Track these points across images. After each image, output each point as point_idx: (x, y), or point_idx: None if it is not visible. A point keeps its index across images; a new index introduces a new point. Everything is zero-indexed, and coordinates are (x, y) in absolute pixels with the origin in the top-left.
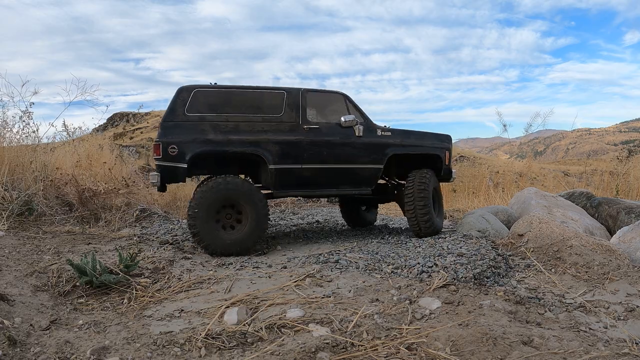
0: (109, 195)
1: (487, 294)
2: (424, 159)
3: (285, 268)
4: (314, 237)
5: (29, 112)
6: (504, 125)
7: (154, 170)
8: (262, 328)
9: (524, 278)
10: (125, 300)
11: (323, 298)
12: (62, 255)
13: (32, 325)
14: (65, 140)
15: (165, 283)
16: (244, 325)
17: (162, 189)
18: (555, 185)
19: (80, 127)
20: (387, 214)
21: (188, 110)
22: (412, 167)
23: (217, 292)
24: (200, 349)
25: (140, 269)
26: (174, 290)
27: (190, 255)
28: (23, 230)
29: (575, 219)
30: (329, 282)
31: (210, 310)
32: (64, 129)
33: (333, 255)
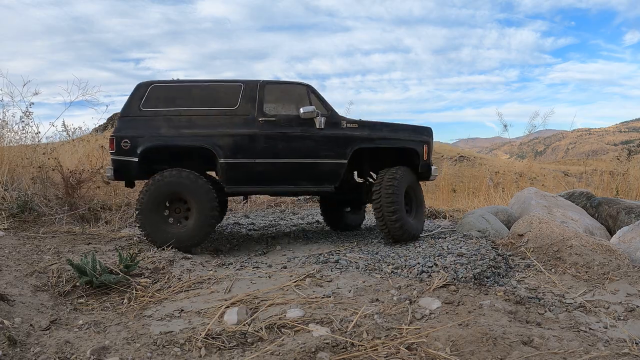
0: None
1: (487, 294)
2: (400, 155)
3: (285, 268)
4: (314, 237)
5: (29, 112)
6: (505, 126)
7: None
8: (262, 328)
9: (524, 278)
10: (125, 300)
11: (323, 298)
12: (62, 255)
13: (32, 325)
14: (65, 140)
15: (165, 283)
16: (244, 325)
17: (129, 185)
18: (555, 185)
19: (80, 127)
20: None
21: (143, 106)
22: (388, 163)
23: (217, 292)
24: (200, 349)
25: (140, 269)
26: (174, 290)
27: (190, 255)
28: (23, 230)
29: (575, 219)
30: (329, 282)
31: (210, 310)
32: (64, 129)
33: (333, 255)
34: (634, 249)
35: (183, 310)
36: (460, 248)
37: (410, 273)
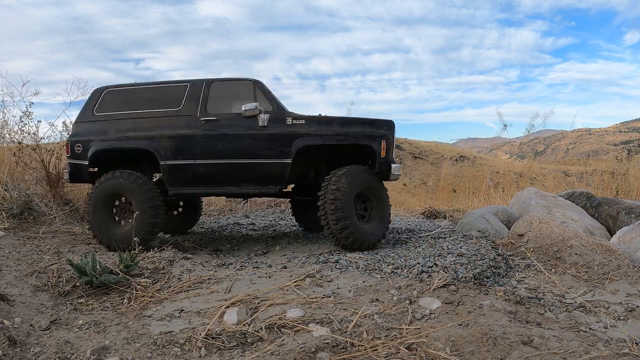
0: None
1: (487, 294)
2: (357, 152)
3: (285, 268)
4: (314, 237)
5: (29, 112)
6: (504, 125)
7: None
8: (262, 328)
9: (524, 278)
10: (125, 300)
11: (323, 298)
12: (62, 255)
13: (32, 325)
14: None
15: (165, 283)
16: (244, 325)
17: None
18: (555, 185)
19: None
20: None
21: (97, 110)
22: (347, 162)
23: (217, 292)
24: (200, 349)
25: (140, 269)
26: (174, 290)
27: (190, 255)
28: (23, 231)
29: (575, 219)
30: (329, 282)
31: (210, 310)
32: (65, 129)
33: (333, 255)
34: (634, 249)
35: (183, 310)
36: (460, 248)
37: (410, 273)
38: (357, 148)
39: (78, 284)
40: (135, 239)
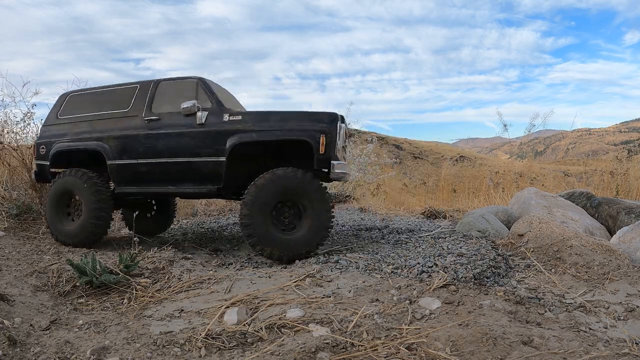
0: None
1: (487, 294)
2: (298, 148)
3: (285, 268)
4: None
5: (31, 112)
6: (504, 125)
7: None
8: (262, 328)
9: (524, 278)
10: (125, 300)
11: (323, 298)
12: (62, 255)
13: (32, 325)
14: None
15: (165, 283)
16: (244, 325)
17: None
18: (555, 185)
19: None
20: (387, 214)
21: (60, 114)
22: (296, 159)
23: (217, 292)
24: (200, 349)
25: (140, 269)
26: (174, 290)
27: (190, 255)
28: (23, 231)
29: (575, 219)
30: (329, 282)
31: (210, 310)
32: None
33: (333, 255)
34: (634, 249)
35: (183, 310)
36: (460, 248)
37: (410, 273)
38: (297, 144)
39: (78, 284)
40: (136, 239)
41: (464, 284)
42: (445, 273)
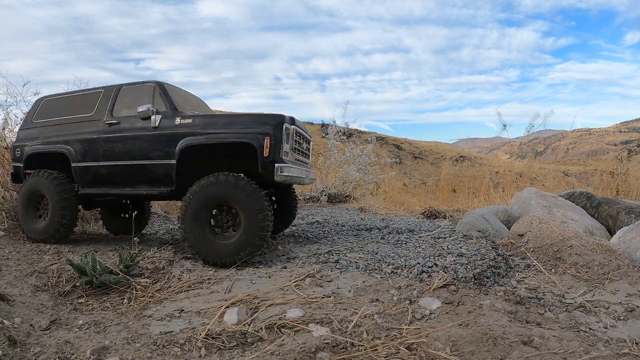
0: None
1: (487, 294)
2: (248, 151)
3: (285, 268)
4: (314, 237)
5: None
6: (504, 125)
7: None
8: (262, 328)
9: (524, 278)
10: (125, 300)
11: (323, 298)
12: (62, 255)
13: (32, 325)
14: None
15: (165, 283)
16: (244, 325)
17: None
18: (555, 185)
19: None
20: (387, 214)
21: (35, 118)
22: (244, 163)
23: (217, 292)
24: (200, 349)
25: (140, 269)
26: (174, 290)
27: (190, 255)
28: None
29: (575, 219)
30: (329, 282)
31: (210, 310)
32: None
33: (333, 255)
34: (634, 249)
35: (183, 310)
36: (460, 248)
37: (410, 273)
38: (241, 147)
39: (78, 284)
40: (136, 239)
41: (464, 284)
42: (445, 273)
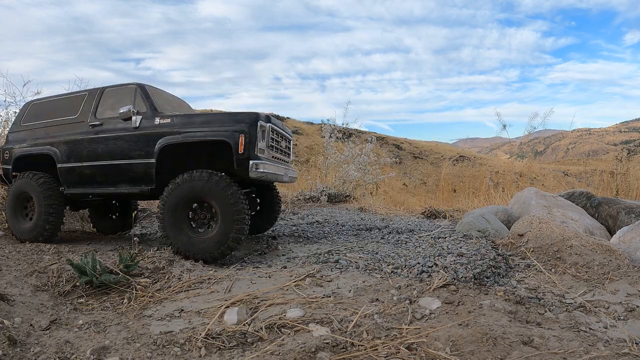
0: None
1: (487, 294)
2: (225, 149)
3: (285, 268)
4: (314, 237)
5: None
6: (503, 125)
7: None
8: (262, 328)
9: (524, 278)
10: (125, 300)
11: (323, 298)
12: (62, 255)
13: (32, 325)
14: None
15: (165, 283)
16: (244, 325)
17: None
18: (555, 185)
19: None
20: (387, 214)
21: (23, 121)
22: (222, 161)
23: (217, 291)
24: (200, 349)
25: (140, 269)
26: (174, 290)
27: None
28: None
29: (575, 219)
30: (329, 282)
31: (210, 310)
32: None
33: (333, 255)
34: (634, 249)
35: (183, 310)
36: (460, 248)
37: (410, 273)
38: (218, 145)
39: (78, 284)
40: (136, 239)
41: (464, 284)
42: (445, 273)
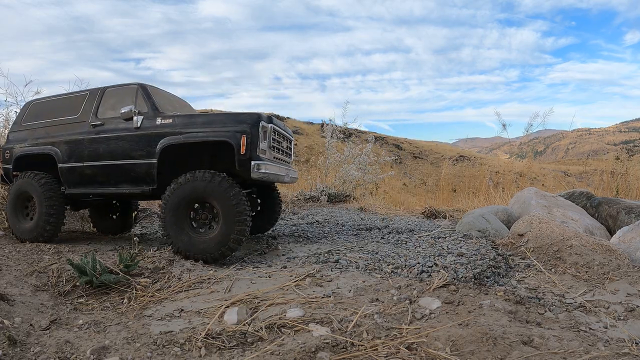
0: None
1: (487, 294)
2: (228, 149)
3: (285, 268)
4: (314, 237)
5: None
6: (503, 125)
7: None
8: (262, 328)
9: (524, 278)
10: (125, 300)
11: (323, 298)
12: (62, 255)
13: (32, 325)
14: None
15: (165, 283)
16: (244, 325)
17: None
18: (555, 185)
19: None
20: (387, 214)
21: (24, 121)
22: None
23: (217, 291)
24: (200, 349)
25: (140, 269)
26: (174, 290)
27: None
28: None
29: (575, 219)
30: (329, 282)
31: (210, 310)
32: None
33: (333, 255)
34: (634, 249)
35: (183, 310)
36: (460, 248)
37: (410, 273)
38: (219, 146)
39: (78, 284)
40: (136, 239)
41: (464, 284)
42: (446, 273)
